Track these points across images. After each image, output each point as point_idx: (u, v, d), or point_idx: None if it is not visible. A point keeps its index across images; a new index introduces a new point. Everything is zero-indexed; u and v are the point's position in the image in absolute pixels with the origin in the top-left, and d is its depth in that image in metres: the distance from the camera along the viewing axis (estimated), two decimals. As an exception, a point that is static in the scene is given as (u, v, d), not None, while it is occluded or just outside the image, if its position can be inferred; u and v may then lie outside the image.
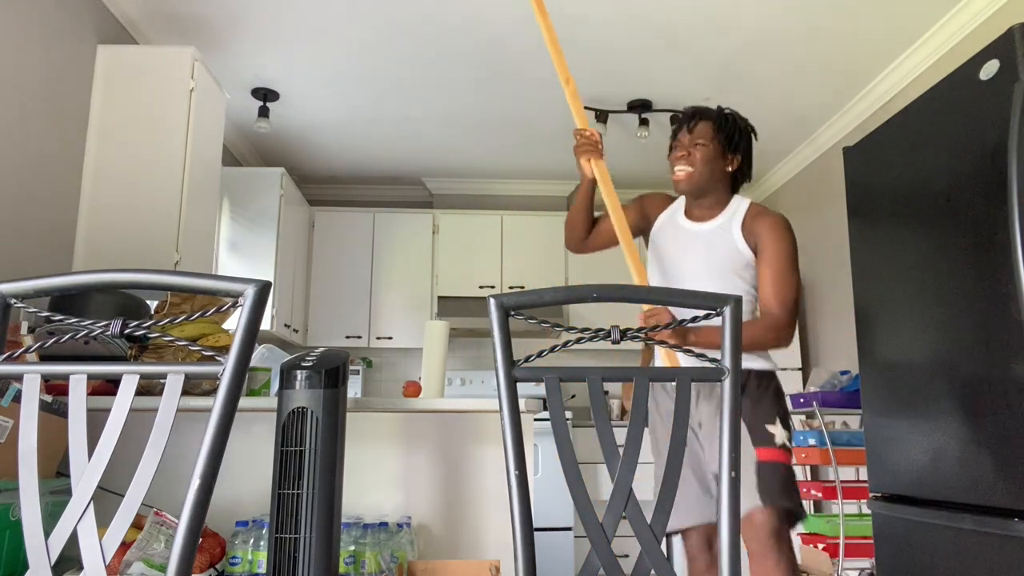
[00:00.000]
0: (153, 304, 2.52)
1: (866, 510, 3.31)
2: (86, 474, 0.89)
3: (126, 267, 1.01)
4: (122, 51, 2.97)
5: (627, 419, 4.72)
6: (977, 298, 1.71)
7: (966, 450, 1.73)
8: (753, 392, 1.85)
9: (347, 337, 4.78)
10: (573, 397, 5.00)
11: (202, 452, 0.89)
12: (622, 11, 3.13)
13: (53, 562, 0.87)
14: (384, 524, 1.84)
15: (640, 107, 4.01)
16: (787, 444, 1.79)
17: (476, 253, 4.93)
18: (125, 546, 1.66)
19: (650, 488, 1.39)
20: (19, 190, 2.48)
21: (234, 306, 0.95)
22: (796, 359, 4.50)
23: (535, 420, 3.12)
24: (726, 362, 1.01)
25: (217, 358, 0.93)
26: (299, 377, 1.51)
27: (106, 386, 1.93)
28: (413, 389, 2.12)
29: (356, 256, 4.89)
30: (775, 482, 1.72)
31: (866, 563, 3.09)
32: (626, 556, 1.57)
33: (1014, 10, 2.85)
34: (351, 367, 4.72)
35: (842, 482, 3.15)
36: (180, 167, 2.89)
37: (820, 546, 3.17)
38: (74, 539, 0.88)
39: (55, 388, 1.78)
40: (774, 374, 1.90)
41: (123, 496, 0.88)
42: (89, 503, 0.89)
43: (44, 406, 1.68)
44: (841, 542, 3.05)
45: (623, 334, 1.03)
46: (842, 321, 4.18)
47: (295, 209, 4.56)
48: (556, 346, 1.06)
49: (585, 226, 2.13)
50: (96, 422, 0.90)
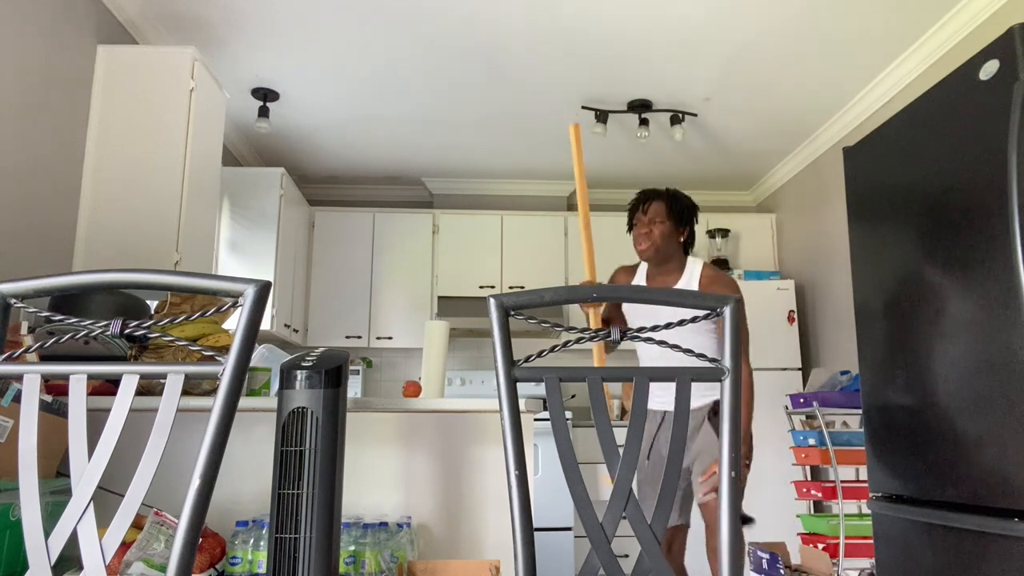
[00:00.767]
0: (153, 304, 2.52)
1: (866, 510, 3.31)
2: (86, 474, 0.89)
3: (126, 267, 1.01)
4: (122, 51, 2.97)
5: (627, 419, 4.74)
6: (977, 297, 1.71)
7: (966, 450, 1.73)
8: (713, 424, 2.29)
9: (347, 337, 4.78)
10: (573, 397, 5.00)
11: (202, 452, 0.89)
12: (622, 11, 3.13)
13: (53, 562, 0.87)
14: (384, 524, 1.84)
15: (640, 107, 4.01)
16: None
17: (476, 253, 4.93)
18: (125, 546, 1.66)
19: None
20: (19, 190, 2.48)
21: (234, 306, 0.95)
22: (796, 359, 4.50)
23: (535, 420, 3.12)
24: (726, 362, 1.01)
25: (217, 358, 0.93)
26: (299, 377, 1.51)
27: (106, 386, 1.93)
28: (413, 389, 2.12)
29: (356, 256, 4.89)
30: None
31: (866, 563, 3.09)
32: (626, 556, 1.57)
33: (1014, 10, 2.85)
34: (351, 367, 4.73)
35: (842, 482, 3.15)
36: (180, 167, 2.89)
37: (820, 546, 3.17)
38: (74, 539, 0.88)
39: (55, 388, 1.78)
40: None
41: (123, 496, 0.88)
42: (89, 503, 0.89)
43: (44, 406, 1.68)
44: (841, 542, 3.05)
45: (623, 334, 1.03)
46: (842, 321, 4.18)
47: (295, 209, 4.56)
48: (556, 346, 1.06)
49: None
50: (96, 422, 0.90)
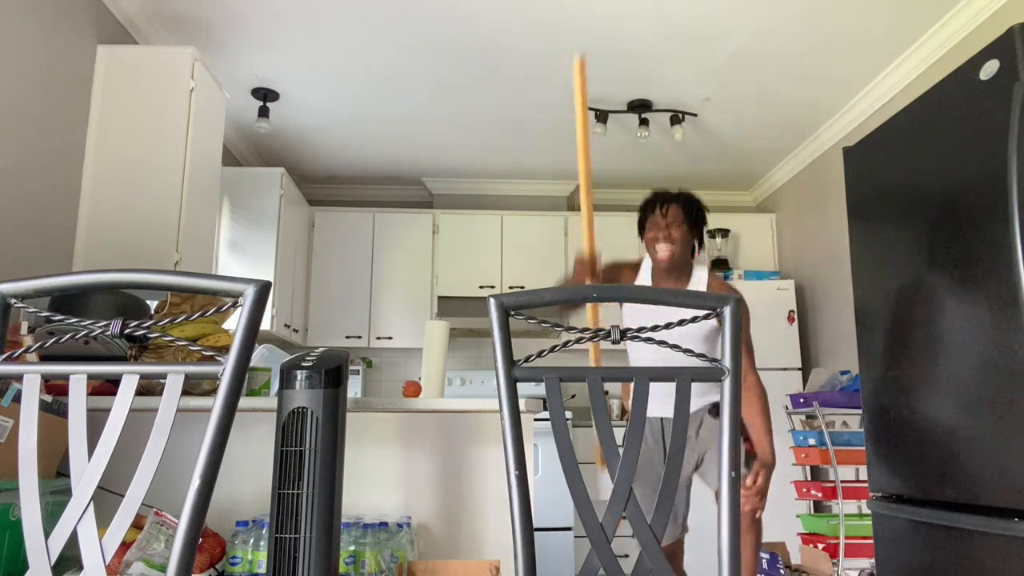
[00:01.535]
0: (153, 304, 2.52)
1: (866, 510, 3.31)
2: (86, 474, 0.89)
3: (126, 267, 1.01)
4: (122, 51, 2.97)
5: (627, 419, 4.73)
6: (977, 298, 1.71)
7: (966, 450, 1.73)
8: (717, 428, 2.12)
9: (347, 337, 4.78)
10: (573, 397, 5.00)
11: (202, 452, 0.89)
12: (622, 11, 3.13)
13: (53, 562, 0.87)
14: (384, 524, 1.84)
15: (640, 107, 4.01)
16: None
17: (476, 253, 4.93)
18: (125, 546, 1.66)
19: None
20: (19, 190, 2.48)
21: (234, 306, 0.95)
22: (796, 359, 4.50)
23: (535, 420, 3.12)
24: (726, 362, 1.01)
25: (217, 358, 0.93)
26: (299, 377, 1.51)
27: (106, 386, 1.93)
28: (413, 389, 2.12)
29: (356, 256, 4.89)
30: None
31: (866, 563, 3.09)
32: (626, 556, 1.57)
33: (1014, 10, 2.85)
34: (351, 367, 4.73)
35: (842, 482, 3.15)
36: (180, 167, 2.89)
37: (820, 546, 3.17)
38: (74, 539, 0.88)
39: (55, 388, 1.78)
40: None
41: (123, 496, 0.88)
42: (89, 503, 0.89)
43: (44, 406, 1.68)
44: (841, 542, 3.05)
45: (623, 334, 1.03)
46: (842, 321, 4.18)
47: (295, 209, 4.56)
48: (556, 346, 1.06)
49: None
50: (96, 422, 0.90)
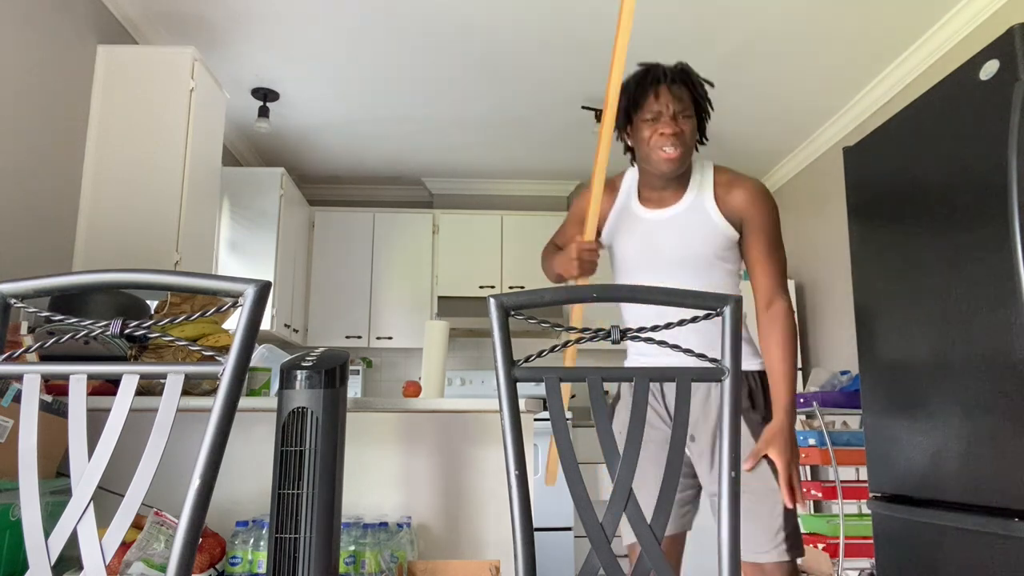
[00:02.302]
0: (153, 304, 2.51)
1: (866, 510, 3.31)
2: (86, 474, 0.89)
3: (126, 267, 1.01)
4: (122, 51, 2.97)
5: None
6: (977, 298, 1.71)
7: (966, 450, 1.73)
8: (763, 407, 1.63)
9: (347, 337, 4.78)
10: (573, 397, 5.00)
11: (202, 452, 0.89)
12: (622, 11, 3.13)
13: (53, 562, 0.87)
14: (384, 524, 1.84)
15: (640, 107, 4.00)
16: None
17: (476, 253, 4.93)
18: (125, 546, 1.66)
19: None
20: (19, 190, 2.48)
21: (234, 306, 0.95)
22: (796, 359, 4.50)
23: (535, 420, 3.12)
24: (726, 362, 1.01)
25: (217, 358, 0.93)
26: (299, 377, 1.51)
27: (106, 386, 1.93)
28: (413, 389, 2.12)
29: (356, 256, 4.89)
30: (795, 530, 1.55)
31: (866, 563, 3.09)
32: (626, 556, 1.57)
33: (1014, 10, 2.85)
34: (351, 367, 4.72)
35: (842, 482, 3.15)
36: (180, 167, 2.89)
37: (820, 546, 3.17)
38: (74, 539, 0.88)
39: (55, 388, 1.78)
40: (765, 373, 1.69)
41: (123, 496, 0.88)
42: (89, 503, 0.89)
43: (44, 406, 1.68)
44: (841, 542, 3.05)
45: (623, 334, 1.03)
46: (842, 321, 4.18)
47: (295, 209, 4.56)
48: (556, 346, 1.06)
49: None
50: (96, 422, 0.90)
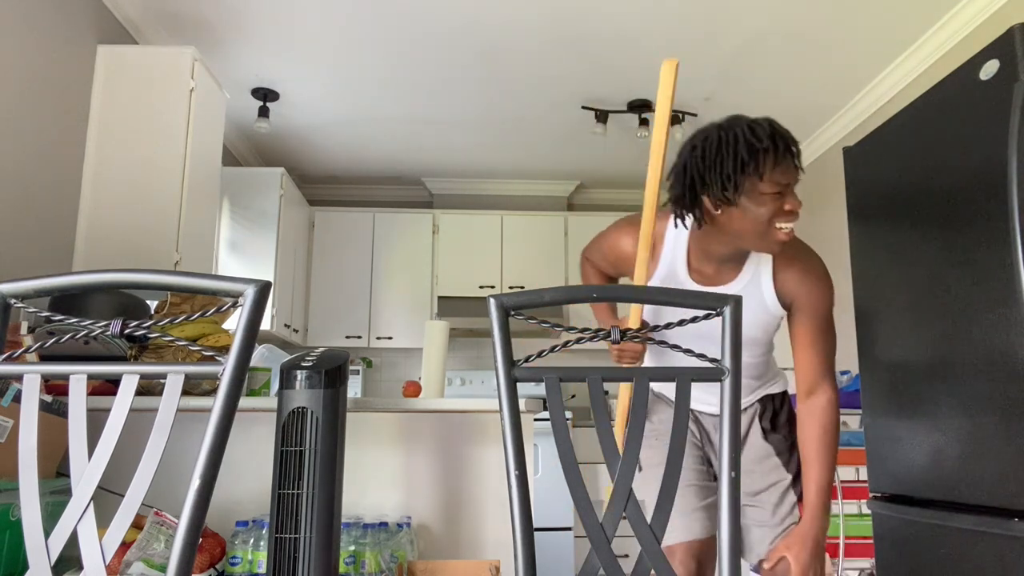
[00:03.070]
0: (153, 304, 2.51)
1: (866, 510, 3.31)
2: (86, 474, 0.89)
3: (126, 267, 1.01)
4: (122, 51, 2.97)
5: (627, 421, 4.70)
6: (977, 298, 1.71)
7: (966, 450, 1.73)
8: (784, 427, 1.62)
9: (347, 337, 4.78)
10: (573, 397, 5.00)
11: (202, 452, 0.89)
12: (622, 11, 3.13)
13: (53, 562, 0.87)
14: (384, 524, 1.84)
15: (640, 107, 4.01)
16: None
17: (476, 253, 4.93)
18: (125, 546, 1.66)
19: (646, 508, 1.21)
20: (19, 190, 2.48)
21: (234, 306, 0.95)
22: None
23: (535, 420, 3.12)
24: (726, 362, 1.01)
25: (217, 358, 0.93)
26: (299, 377, 1.51)
27: (106, 386, 1.93)
28: (413, 389, 2.12)
29: (356, 256, 4.89)
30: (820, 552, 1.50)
31: (866, 563, 3.09)
32: (626, 556, 1.56)
33: (1014, 10, 2.85)
34: (351, 367, 4.72)
35: (842, 482, 3.15)
36: (180, 167, 2.89)
37: (820, 546, 3.16)
38: (74, 539, 0.88)
39: (55, 388, 1.78)
40: (788, 392, 1.72)
41: (123, 496, 0.88)
42: (89, 503, 0.89)
43: (44, 406, 1.68)
44: (841, 542, 3.05)
45: (623, 334, 1.03)
46: (842, 321, 4.17)
47: (295, 209, 4.56)
48: (556, 346, 1.06)
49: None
50: (96, 422, 0.90)
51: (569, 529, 4.02)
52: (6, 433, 1.60)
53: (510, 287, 4.88)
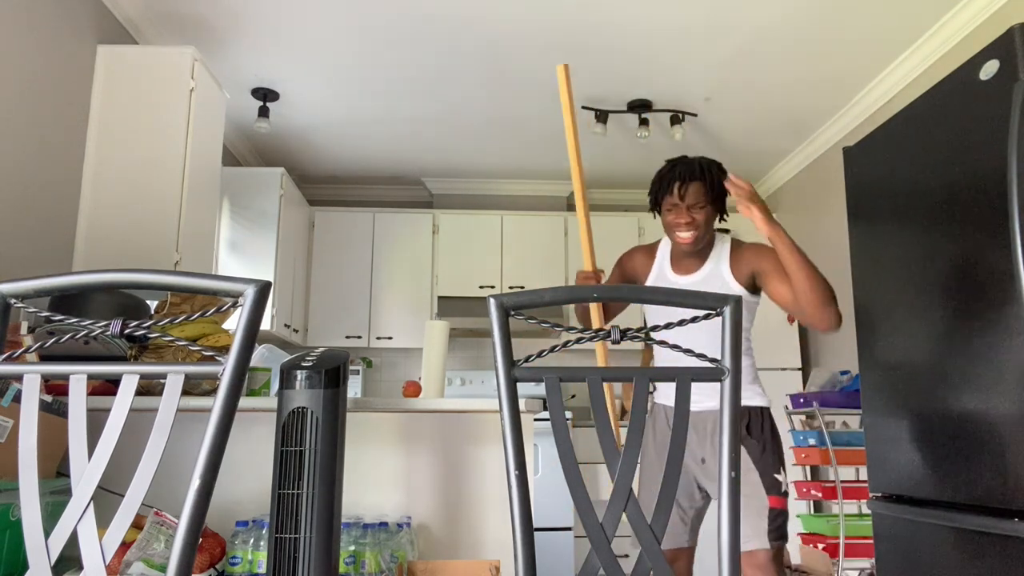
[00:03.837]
0: (153, 304, 2.52)
1: (866, 510, 3.31)
2: (86, 474, 0.89)
3: (126, 267, 1.01)
4: (122, 51, 2.97)
5: (627, 419, 4.73)
6: (977, 298, 1.71)
7: (966, 450, 1.73)
8: (757, 434, 1.99)
9: (347, 337, 4.78)
10: (573, 397, 5.00)
11: (202, 452, 0.89)
12: (622, 11, 3.13)
13: (53, 562, 0.87)
14: (384, 524, 1.84)
15: (640, 107, 4.01)
16: (786, 489, 1.98)
17: (476, 253, 4.93)
18: (125, 546, 1.66)
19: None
20: (19, 190, 2.48)
21: (234, 306, 0.95)
22: (796, 359, 4.50)
23: (535, 420, 3.12)
24: (726, 362, 1.01)
25: (217, 358, 0.93)
26: (299, 377, 1.51)
27: (106, 386, 1.93)
28: (413, 389, 2.12)
29: (356, 256, 4.89)
30: (778, 527, 1.94)
31: (866, 563, 3.10)
32: (626, 556, 1.57)
33: (1014, 10, 2.85)
34: (351, 367, 4.73)
35: (842, 482, 3.15)
36: (180, 167, 2.89)
37: (820, 546, 3.17)
38: (74, 539, 0.88)
39: (55, 388, 1.78)
40: (769, 410, 2.04)
41: (123, 496, 0.88)
42: (89, 503, 0.89)
43: (44, 406, 1.68)
44: (841, 542, 3.06)
45: (623, 334, 1.03)
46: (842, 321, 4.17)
47: (295, 209, 4.56)
48: (556, 346, 1.06)
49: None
50: (96, 422, 0.90)
51: (569, 529, 4.02)
52: (6, 433, 1.60)
53: (510, 287, 4.88)
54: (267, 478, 1.96)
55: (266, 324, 4.08)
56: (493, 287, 4.87)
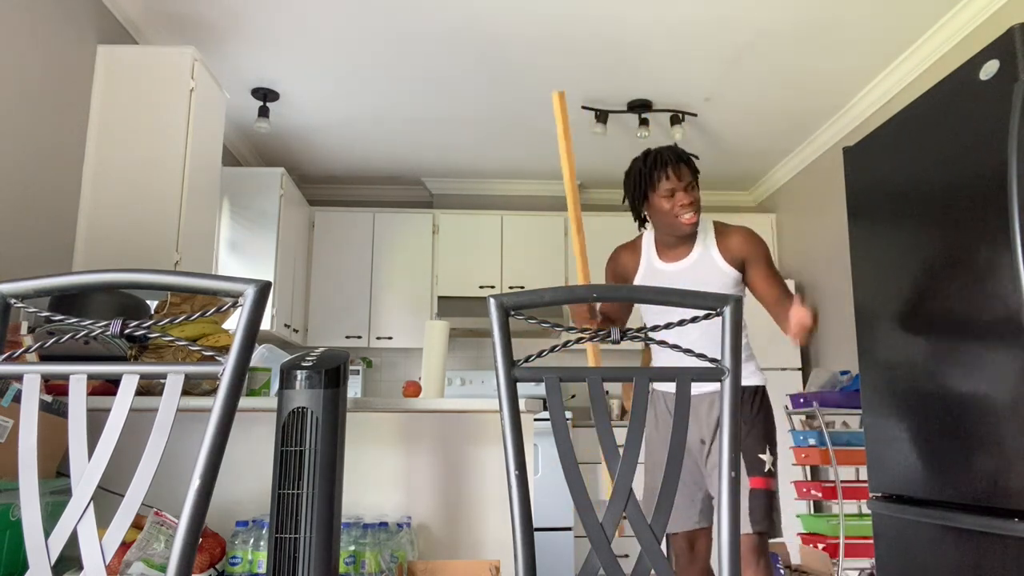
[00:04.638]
0: (153, 304, 2.52)
1: (866, 510, 3.31)
2: (86, 474, 0.89)
3: (126, 267, 1.01)
4: (122, 51, 2.97)
5: (627, 419, 4.73)
6: (977, 298, 1.71)
7: (966, 450, 1.73)
8: (747, 414, 1.98)
9: (347, 337, 4.78)
10: (573, 397, 5.00)
11: (202, 452, 0.89)
12: (622, 11, 3.13)
13: (53, 562, 0.87)
14: (384, 524, 1.84)
15: (640, 107, 4.01)
16: (772, 469, 1.94)
17: (476, 253, 4.93)
18: (125, 546, 1.66)
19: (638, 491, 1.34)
20: (19, 190, 2.48)
21: (234, 306, 0.95)
22: (796, 359, 4.50)
23: (535, 420, 3.12)
24: (726, 362, 1.01)
25: (217, 358, 0.93)
26: (299, 377, 1.51)
27: (106, 386, 1.93)
28: (413, 389, 2.12)
29: (356, 256, 4.89)
30: (759, 508, 1.89)
31: (866, 563, 3.10)
32: (626, 556, 1.57)
33: (1014, 10, 2.85)
34: (351, 367, 4.73)
35: (842, 482, 3.15)
36: (180, 167, 2.89)
37: (820, 546, 3.17)
38: (74, 539, 0.88)
39: (55, 388, 1.78)
40: (765, 389, 2.03)
41: (123, 496, 0.88)
42: (89, 503, 0.89)
43: (44, 406, 1.68)
44: (841, 542, 3.06)
45: (623, 334, 1.03)
46: (842, 321, 4.18)
47: (295, 209, 4.56)
48: (556, 346, 1.06)
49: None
50: (96, 422, 0.90)
51: (569, 529, 4.02)
52: (6, 433, 1.60)
53: (510, 287, 4.88)
54: (267, 478, 1.96)
55: (266, 324, 4.08)
56: (493, 287, 4.87)
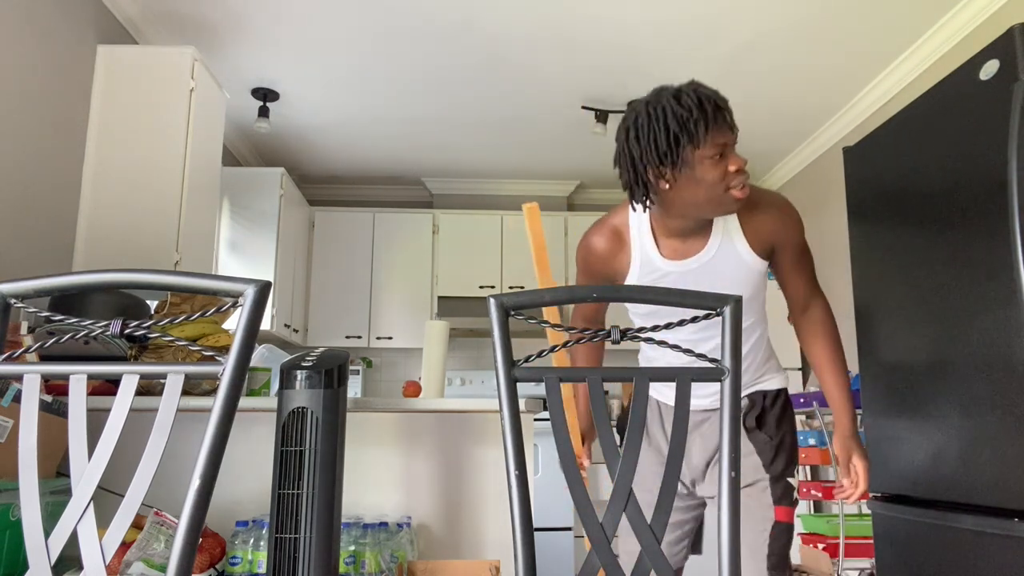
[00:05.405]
0: (153, 304, 2.52)
1: (866, 510, 3.31)
2: (86, 474, 0.89)
3: (126, 267, 1.01)
4: (122, 51, 2.97)
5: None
6: (977, 298, 1.71)
7: (966, 450, 1.73)
8: (773, 426, 1.57)
9: (347, 337, 4.78)
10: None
11: (202, 452, 0.89)
12: (622, 11, 3.13)
13: (53, 562, 0.87)
14: (384, 524, 1.84)
15: (640, 107, 4.00)
16: (797, 498, 1.58)
17: (476, 253, 4.93)
18: (125, 546, 1.66)
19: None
20: (19, 190, 2.48)
21: (234, 306, 0.95)
22: (796, 359, 4.50)
23: (535, 420, 3.12)
24: (726, 362, 1.01)
25: (217, 358, 0.93)
26: (299, 377, 1.51)
27: (106, 386, 1.93)
28: (413, 389, 2.12)
29: (356, 256, 4.89)
30: (780, 549, 1.52)
31: (866, 563, 3.09)
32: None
33: (1014, 10, 2.85)
34: (351, 367, 4.72)
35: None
36: (180, 167, 2.89)
37: (820, 546, 3.17)
38: (74, 539, 0.88)
39: (55, 388, 1.78)
40: (786, 391, 1.66)
41: (123, 496, 0.88)
42: (89, 503, 0.89)
43: (44, 406, 1.68)
44: (841, 542, 3.05)
45: (623, 334, 1.03)
46: (842, 321, 4.17)
47: (295, 209, 4.56)
48: (556, 346, 1.05)
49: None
50: (96, 422, 0.90)
51: (569, 529, 4.02)
52: (6, 433, 1.60)
53: (510, 287, 4.88)
54: (267, 478, 1.96)
55: (266, 324, 4.08)
56: (493, 287, 4.87)
